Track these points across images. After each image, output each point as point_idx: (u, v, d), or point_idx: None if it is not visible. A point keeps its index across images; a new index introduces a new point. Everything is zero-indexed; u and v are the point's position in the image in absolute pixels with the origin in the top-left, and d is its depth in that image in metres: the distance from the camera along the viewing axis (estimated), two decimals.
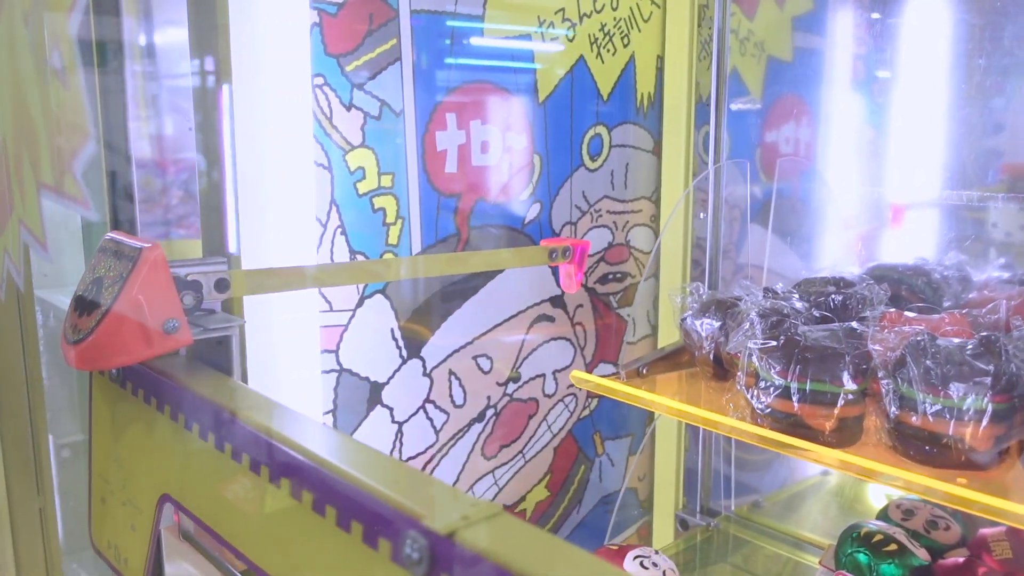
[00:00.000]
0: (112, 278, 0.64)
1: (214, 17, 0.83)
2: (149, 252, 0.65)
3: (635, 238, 1.43)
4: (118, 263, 0.65)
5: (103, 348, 0.63)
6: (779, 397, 0.94)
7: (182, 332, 0.65)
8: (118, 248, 0.68)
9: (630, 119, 1.39)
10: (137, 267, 0.63)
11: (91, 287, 0.67)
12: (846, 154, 1.74)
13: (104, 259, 0.68)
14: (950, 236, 1.64)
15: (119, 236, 0.70)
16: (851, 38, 1.71)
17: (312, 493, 0.53)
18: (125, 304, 0.62)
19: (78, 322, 0.65)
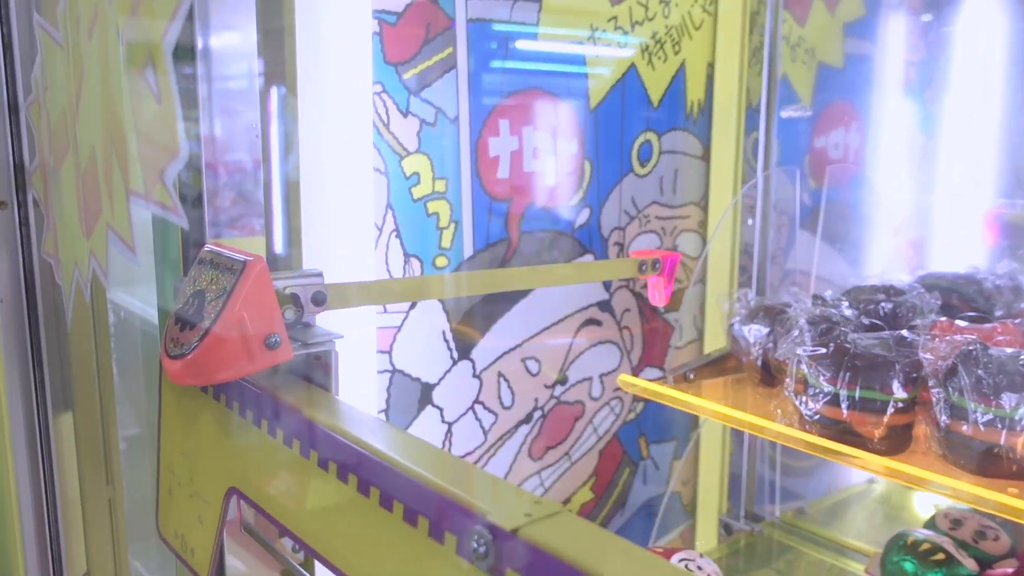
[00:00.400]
0: (215, 291, 0.63)
1: (280, 20, 0.86)
2: (253, 265, 0.63)
3: (683, 243, 1.44)
4: (220, 276, 0.64)
5: (206, 364, 0.62)
6: (828, 404, 0.95)
7: (283, 348, 0.63)
8: (219, 260, 0.66)
9: (680, 125, 1.40)
10: (241, 280, 0.62)
11: (192, 300, 0.65)
12: (896, 161, 1.73)
13: (204, 271, 0.67)
14: (1004, 244, 1.62)
15: (219, 248, 0.69)
16: (903, 44, 1.70)
17: (379, 488, 0.55)
18: (229, 319, 0.61)
19: (180, 336, 0.64)
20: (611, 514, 1.46)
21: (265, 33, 1.02)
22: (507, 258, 1.22)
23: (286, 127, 1.02)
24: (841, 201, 1.64)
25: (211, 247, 0.69)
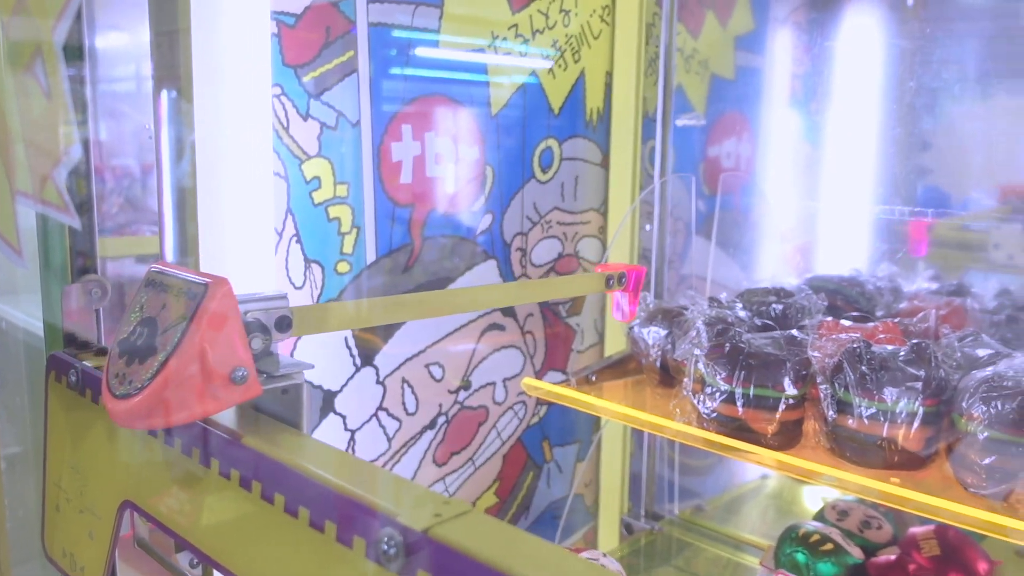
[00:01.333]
0: (170, 319, 0.56)
1: (175, 21, 0.83)
2: (216, 288, 0.56)
3: (584, 249, 1.47)
4: (175, 301, 0.56)
5: (161, 404, 0.55)
6: (724, 402, 0.98)
7: (250, 382, 0.57)
8: (171, 282, 0.59)
9: (580, 133, 1.43)
10: (203, 306, 0.55)
11: (140, 330, 0.58)
12: (785, 169, 1.80)
13: (153, 295, 0.60)
14: (882, 248, 1.71)
15: (170, 268, 0.61)
16: (790, 58, 1.78)
17: (283, 495, 0.54)
18: (189, 351, 0.54)
19: (127, 372, 0.56)
20: (515, 518, 1.47)
21: (158, 34, 0.99)
22: (410, 264, 1.22)
23: (179, 131, 0.99)
24: (734, 208, 1.70)
25: (159, 267, 0.62)
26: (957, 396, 0.90)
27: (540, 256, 1.40)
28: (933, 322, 1.08)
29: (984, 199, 1.75)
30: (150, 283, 0.61)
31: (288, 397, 0.62)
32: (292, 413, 0.62)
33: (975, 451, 0.85)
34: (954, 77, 1.78)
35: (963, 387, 0.89)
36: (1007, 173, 1.73)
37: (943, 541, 1.19)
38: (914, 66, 1.78)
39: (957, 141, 1.80)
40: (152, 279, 0.62)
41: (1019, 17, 1.70)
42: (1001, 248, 1.51)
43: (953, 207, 1.82)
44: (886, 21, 1.80)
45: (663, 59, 1.41)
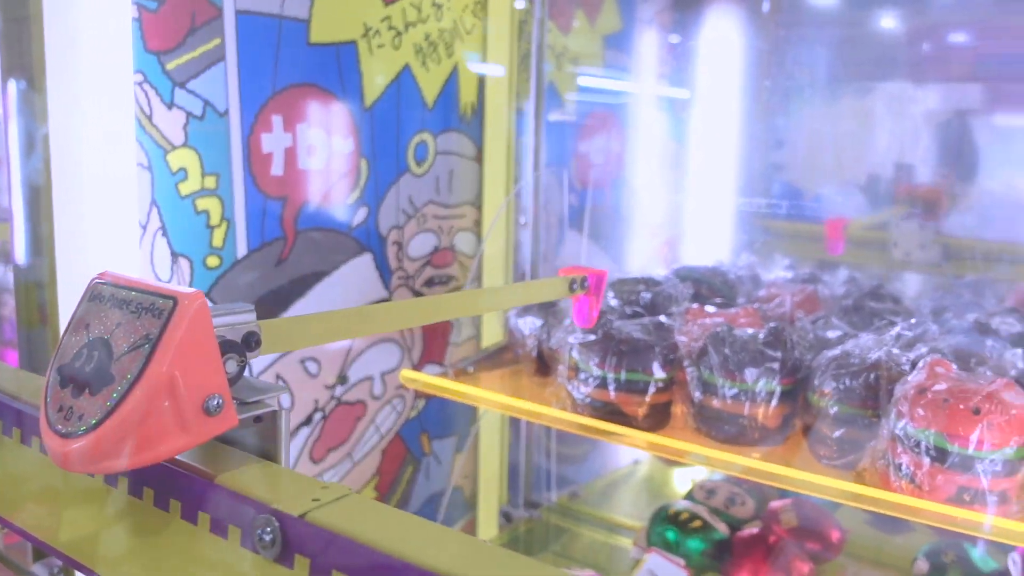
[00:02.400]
0: (129, 339, 0.48)
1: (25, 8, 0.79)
2: (188, 303, 0.48)
3: (459, 242, 1.48)
4: (135, 318, 0.48)
5: (120, 443, 0.46)
6: (597, 387, 1.01)
7: (226, 412, 0.49)
8: (128, 296, 0.50)
9: (454, 127, 1.44)
10: (173, 324, 0.47)
11: (89, 352, 0.49)
12: (652, 165, 1.87)
13: (104, 311, 0.51)
14: (743, 239, 1.80)
15: (125, 278, 0.52)
16: (655, 58, 1.84)
17: (152, 489, 0.52)
18: (156, 379, 0.46)
19: (75, 404, 0.48)
20: None
21: (7, 22, 0.93)
22: (283, 257, 1.20)
23: (29, 123, 0.94)
24: (605, 202, 1.75)
25: (107, 279, 0.53)
26: (811, 375, 0.96)
27: (416, 250, 1.40)
28: (788, 307, 1.15)
29: (834, 195, 1.87)
30: (96, 297, 0.52)
31: (264, 425, 0.54)
32: (268, 443, 0.54)
33: (827, 425, 0.91)
34: (806, 79, 1.89)
35: (816, 366, 0.95)
36: (854, 170, 1.85)
37: (800, 513, 1.27)
38: (770, 68, 1.88)
39: (808, 140, 1.92)
40: (98, 292, 0.52)
41: (864, 26, 1.82)
42: (899, 246, 1.61)
43: (805, 202, 1.93)
44: (744, 25, 1.90)
45: (535, 56, 1.44)
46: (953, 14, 1.76)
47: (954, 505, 0.77)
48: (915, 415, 0.79)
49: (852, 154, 1.86)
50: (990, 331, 1.05)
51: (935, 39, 1.77)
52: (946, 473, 0.77)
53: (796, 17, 1.89)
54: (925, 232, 1.70)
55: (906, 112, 1.77)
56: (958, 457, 0.76)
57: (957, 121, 1.74)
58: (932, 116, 1.75)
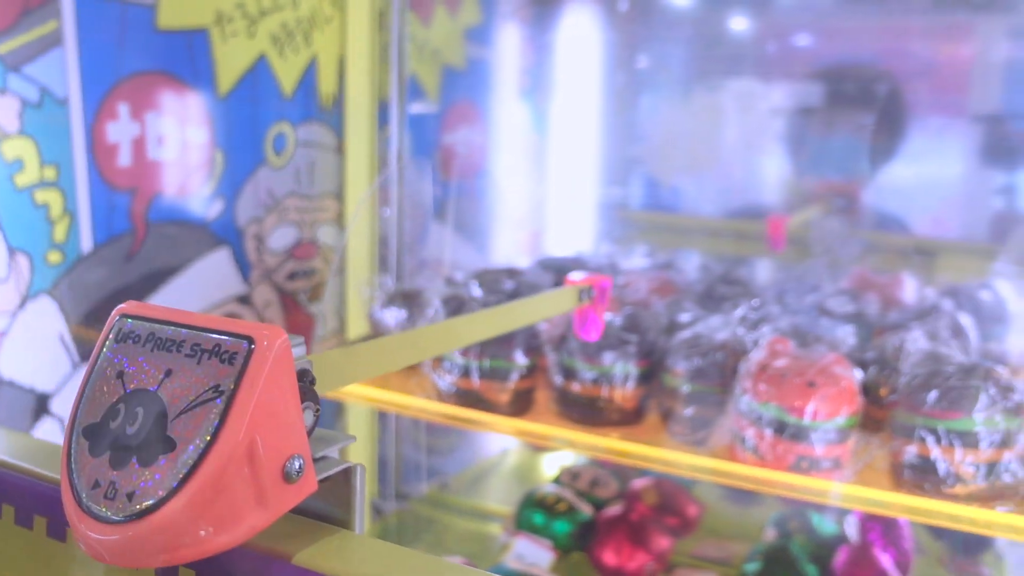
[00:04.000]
0: (190, 393, 0.38)
1: None
2: (269, 344, 0.38)
3: (322, 235, 1.46)
4: (196, 365, 0.39)
5: (194, 525, 0.36)
6: (461, 376, 1.02)
7: (307, 476, 0.40)
8: (178, 336, 0.40)
9: (314, 117, 1.41)
10: (252, 372, 0.37)
11: (130, 409, 0.39)
12: (515, 157, 1.90)
13: (143, 355, 0.40)
14: (603, 229, 1.85)
15: (165, 312, 0.42)
16: (516, 50, 1.87)
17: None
18: (234, 441, 0.36)
19: (121, 479, 0.37)
20: None
21: None
22: (133, 252, 1.14)
23: None
24: (469, 194, 1.77)
25: (138, 309, 0.42)
26: (664, 356, 1.00)
27: (277, 242, 1.37)
28: (644, 293, 1.19)
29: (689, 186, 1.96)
30: (125, 336, 0.41)
31: (333, 486, 0.43)
32: (341, 509, 0.43)
33: (679, 403, 0.96)
34: (661, 75, 1.97)
35: (669, 347, 1.00)
36: (706, 164, 1.94)
37: (660, 490, 1.32)
38: (625, 61, 1.94)
39: (663, 133, 2.00)
40: (128, 330, 0.41)
41: (715, 24, 1.91)
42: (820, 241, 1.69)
43: (662, 195, 2.01)
44: (602, 20, 1.95)
45: (396, 46, 1.43)
46: (796, 16, 1.87)
47: (794, 473, 0.83)
48: (757, 390, 0.84)
49: (704, 147, 1.95)
50: (826, 311, 1.13)
51: (780, 39, 1.88)
52: (785, 443, 0.82)
53: (650, 15, 1.96)
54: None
55: (753, 108, 1.87)
56: (795, 428, 0.81)
57: (800, 117, 1.85)
58: (777, 112, 1.85)
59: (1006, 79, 1.68)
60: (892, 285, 1.29)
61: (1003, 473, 0.77)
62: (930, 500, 0.78)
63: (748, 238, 1.86)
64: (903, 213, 1.72)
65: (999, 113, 1.64)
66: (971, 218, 1.68)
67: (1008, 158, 1.63)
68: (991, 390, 0.77)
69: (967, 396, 0.77)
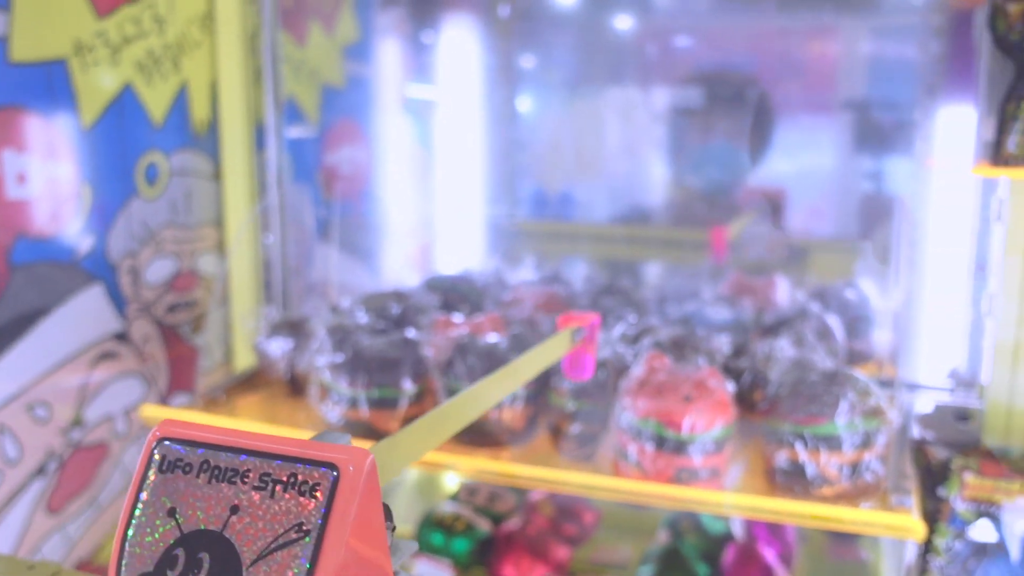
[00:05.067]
0: (267, 533, 0.33)
1: None
2: (357, 470, 0.33)
3: (203, 264, 1.42)
4: (270, 499, 0.33)
5: None
6: (349, 407, 1.01)
7: None
8: (237, 465, 0.34)
9: (188, 145, 1.38)
10: (340, 504, 0.32)
11: (191, 555, 0.33)
12: (401, 174, 1.89)
13: (197, 489, 0.34)
14: (492, 245, 1.87)
15: (214, 435, 0.35)
16: (397, 66, 1.87)
17: None
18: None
19: None
20: None
21: None
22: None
23: None
24: (355, 213, 1.75)
25: (183, 432, 0.36)
26: (550, 376, 1.02)
27: (155, 275, 1.33)
28: (529, 310, 1.21)
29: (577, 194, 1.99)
30: (171, 466, 0.35)
31: None
32: None
33: (566, 421, 0.98)
34: (543, 83, 2.00)
35: (553, 368, 1.02)
36: (591, 170, 1.98)
37: (556, 501, 1.34)
38: (508, 72, 1.96)
39: (547, 141, 2.03)
40: (173, 458, 0.35)
41: (597, 32, 1.95)
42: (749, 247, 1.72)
43: (550, 204, 2.04)
44: (483, 32, 1.96)
45: (270, 68, 1.41)
46: (673, 21, 1.93)
47: (674, 484, 0.86)
48: (637, 407, 0.86)
49: (589, 154, 1.99)
50: (703, 320, 1.17)
51: (658, 45, 1.93)
52: (666, 457, 0.85)
53: (532, 25, 1.99)
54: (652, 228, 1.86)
55: (634, 113, 1.92)
56: (674, 442, 0.84)
57: (682, 120, 1.91)
58: (659, 117, 1.91)
59: (870, 74, 1.78)
60: (767, 287, 1.34)
61: (865, 472, 0.82)
62: (801, 503, 0.83)
63: (635, 242, 1.91)
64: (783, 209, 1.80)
65: (865, 102, 1.73)
66: (844, 206, 1.77)
67: (874, 145, 1.73)
68: (850, 395, 0.82)
69: (829, 402, 0.82)
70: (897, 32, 1.75)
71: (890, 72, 1.74)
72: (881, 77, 1.76)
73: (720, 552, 1.21)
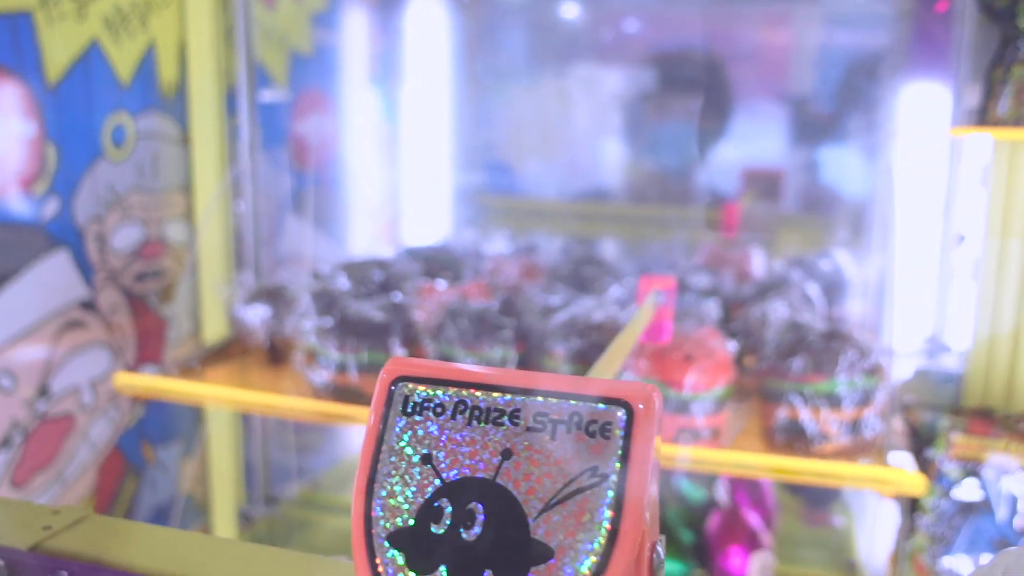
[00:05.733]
0: (554, 480, 0.29)
1: None
2: (648, 406, 0.29)
3: (171, 232, 1.37)
4: (550, 441, 0.29)
5: None
6: (338, 371, 0.99)
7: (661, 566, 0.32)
8: (514, 405, 0.30)
9: (155, 107, 1.33)
10: (637, 445, 0.29)
11: (460, 508, 0.29)
12: (370, 146, 1.86)
13: (466, 432, 0.31)
14: (464, 215, 1.85)
15: (471, 375, 0.31)
16: (365, 37, 1.83)
17: None
18: (634, 539, 0.28)
19: None
20: None
21: None
22: None
23: None
24: (326, 184, 1.71)
25: (421, 370, 0.32)
26: (542, 339, 1.01)
27: (121, 242, 1.28)
28: (515, 277, 1.20)
29: (542, 171, 1.98)
30: (422, 407, 0.31)
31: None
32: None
33: None
34: (510, 62, 1.98)
35: (546, 330, 1.01)
36: (555, 148, 1.97)
37: None
38: (480, 49, 1.94)
39: (514, 118, 2.01)
40: (425, 400, 0.31)
41: (555, 10, 1.93)
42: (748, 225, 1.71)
43: (515, 178, 2.03)
44: (451, 6, 1.94)
45: (242, 30, 1.36)
46: (630, 3, 1.93)
47: (677, 445, 0.85)
48: (638, 367, 0.86)
49: (553, 132, 1.98)
50: (686, 287, 1.17)
51: (615, 27, 1.93)
52: (668, 417, 0.85)
53: (494, 4, 1.97)
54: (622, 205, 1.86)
55: (596, 93, 1.92)
56: (676, 401, 0.84)
57: (640, 102, 1.91)
58: (618, 98, 1.91)
59: (819, 63, 1.80)
60: (743, 259, 1.35)
61: (864, 429, 0.83)
62: (799, 459, 0.83)
63: (595, 219, 1.90)
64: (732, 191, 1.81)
65: (807, 96, 1.76)
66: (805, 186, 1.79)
67: (813, 136, 1.75)
68: (850, 353, 0.82)
69: (829, 360, 0.82)
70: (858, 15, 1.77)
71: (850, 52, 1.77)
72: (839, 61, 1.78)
73: (701, 520, 1.22)
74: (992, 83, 0.94)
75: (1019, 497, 0.90)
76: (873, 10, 1.69)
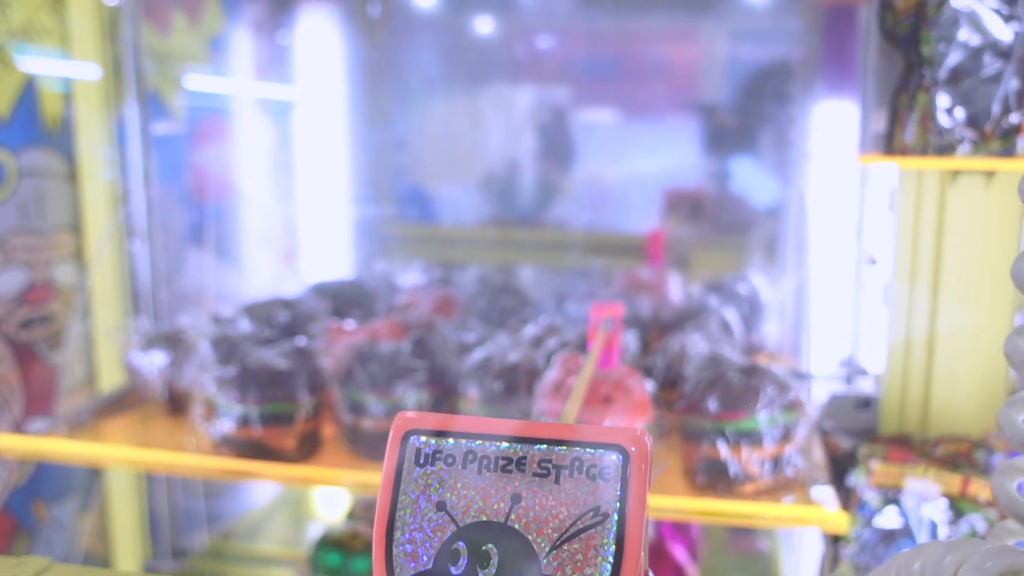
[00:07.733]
0: (560, 522, 0.32)
1: None
2: (640, 451, 0.32)
3: (60, 275, 1.28)
4: (555, 486, 0.33)
5: None
6: (240, 424, 0.93)
7: None
8: (519, 454, 0.33)
9: (38, 142, 1.24)
10: (634, 486, 0.32)
11: (480, 552, 0.32)
12: (270, 176, 1.79)
13: (474, 480, 0.33)
14: (373, 248, 1.80)
15: (477, 424, 0.33)
16: (262, 62, 1.76)
17: None
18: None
19: None
20: None
21: None
22: None
23: None
24: (227, 218, 1.64)
25: (429, 423, 0.34)
26: (457, 381, 0.97)
27: (4, 287, 1.19)
28: (427, 313, 1.16)
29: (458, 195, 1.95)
30: (433, 458, 0.33)
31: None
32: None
33: None
34: (420, 83, 1.94)
35: (461, 372, 0.97)
36: (472, 168, 1.94)
37: None
38: (382, 72, 1.89)
39: (428, 140, 1.97)
40: (436, 451, 0.34)
41: (467, 32, 1.91)
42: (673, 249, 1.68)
43: (433, 202, 1.99)
44: (354, 30, 1.89)
45: (131, 58, 1.29)
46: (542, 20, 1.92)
47: None
48: (554, 410, 0.83)
49: (468, 154, 1.95)
50: None
51: (527, 44, 1.91)
52: None
53: (405, 25, 1.93)
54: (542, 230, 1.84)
55: (510, 112, 1.90)
56: None
57: (553, 119, 1.90)
58: (532, 116, 1.89)
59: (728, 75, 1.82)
60: (660, 284, 1.34)
61: (786, 466, 0.82)
62: (723, 501, 0.81)
63: (511, 246, 1.88)
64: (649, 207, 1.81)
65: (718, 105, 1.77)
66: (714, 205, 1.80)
67: (727, 154, 1.77)
68: (769, 389, 0.81)
69: (749, 398, 0.81)
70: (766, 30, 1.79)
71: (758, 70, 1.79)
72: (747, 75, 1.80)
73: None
74: (897, 109, 0.95)
75: (939, 523, 0.90)
76: (784, 24, 1.71)
